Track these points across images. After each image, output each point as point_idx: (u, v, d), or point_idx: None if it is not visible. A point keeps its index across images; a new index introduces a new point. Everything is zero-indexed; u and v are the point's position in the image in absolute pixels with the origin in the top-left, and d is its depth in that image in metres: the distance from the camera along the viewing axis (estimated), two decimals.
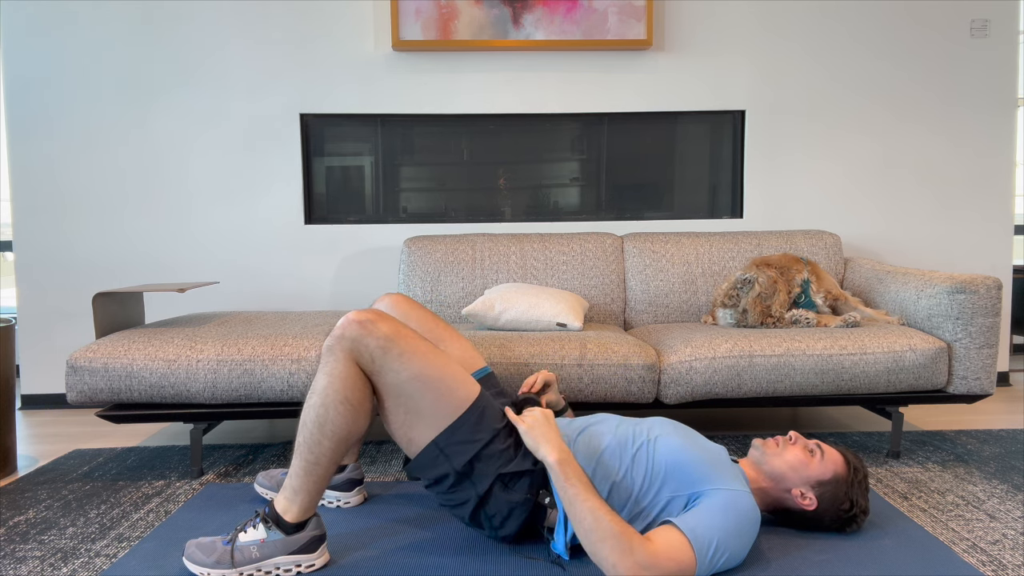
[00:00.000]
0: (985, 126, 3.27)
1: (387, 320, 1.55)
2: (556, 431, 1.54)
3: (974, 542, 1.70)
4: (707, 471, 1.53)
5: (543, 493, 1.58)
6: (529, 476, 1.58)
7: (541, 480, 1.58)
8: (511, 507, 1.58)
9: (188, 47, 3.10)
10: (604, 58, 3.18)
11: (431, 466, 1.58)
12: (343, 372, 1.51)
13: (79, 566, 1.61)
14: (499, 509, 1.58)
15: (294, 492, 1.53)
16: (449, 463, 1.56)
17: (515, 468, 1.56)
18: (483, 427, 1.57)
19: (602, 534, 1.37)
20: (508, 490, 1.57)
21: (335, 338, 1.53)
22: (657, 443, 1.58)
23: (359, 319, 1.52)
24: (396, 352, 1.52)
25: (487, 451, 1.56)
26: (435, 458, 1.57)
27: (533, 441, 1.52)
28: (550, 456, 1.48)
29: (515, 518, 1.59)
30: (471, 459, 1.55)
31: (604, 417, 1.70)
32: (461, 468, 1.55)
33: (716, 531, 1.43)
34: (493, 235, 2.96)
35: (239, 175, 3.15)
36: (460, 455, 1.55)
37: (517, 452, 1.59)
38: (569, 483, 1.44)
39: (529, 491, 1.57)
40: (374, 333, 1.51)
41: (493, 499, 1.57)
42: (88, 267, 3.15)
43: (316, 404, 1.51)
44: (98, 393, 2.14)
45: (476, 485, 1.57)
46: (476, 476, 1.56)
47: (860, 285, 2.79)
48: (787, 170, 3.25)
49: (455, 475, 1.56)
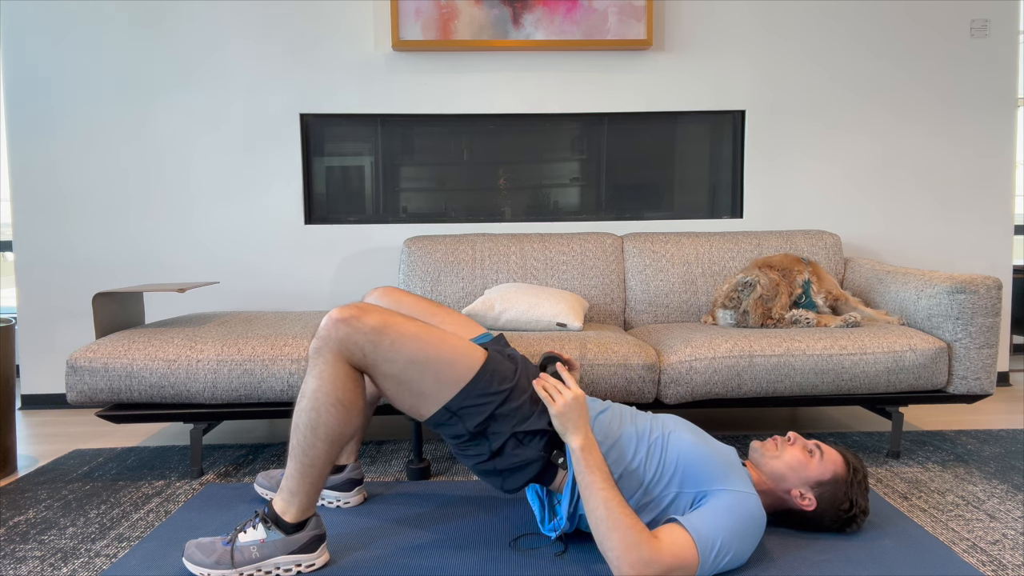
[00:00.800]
0: (985, 126, 3.27)
1: (371, 311, 1.52)
2: (586, 417, 1.53)
3: (974, 542, 1.70)
4: (716, 471, 1.53)
5: (556, 453, 1.57)
6: (543, 435, 1.57)
7: (555, 439, 1.58)
8: (523, 462, 1.57)
9: (188, 47, 3.10)
10: (604, 58, 3.18)
11: (445, 426, 1.57)
12: (332, 373, 1.49)
13: (79, 566, 1.61)
14: (510, 463, 1.57)
15: (291, 494, 1.53)
16: (463, 424, 1.55)
17: (530, 427, 1.56)
18: (493, 389, 1.55)
19: (612, 524, 1.38)
20: (521, 446, 1.56)
21: (321, 339, 1.50)
22: (671, 438, 1.59)
23: (342, 316, 1.49)
24: (387, 342, 1.50)
25: (500, 410, 1.55)
26: (448, 420, 1.56)
27: (561, 425, 1.51)
28: (575, 442, 1.48)
29: (525, 473, 1.58)
30: (485, 419, 1.54)
31: (613, 404, 1.70)
32: (475, 428, 1.55)
33: (720, 531, 1.44)
34: (493, 235, 2.96)
35: (239, 175, 3.15)
36: (473, 417, 1.54)
37: (533, 409, 1.58)
38: (588, 470, 1.45)
39: (543, 449, 1.57)
40: (361, 328, 1.49)
41: (505, 454, 1.56)
42: (88, 267, 3.15)
43: (307, 407, 1.50)
44: (98, 393, 2.14)
45: (490, 441, 1.56)
46: (490, 434, 1.56)
47: (860, 285, 2.79)
48: (787, 170, 3.25)
49: (469, 434, 1.56)
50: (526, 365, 1.68)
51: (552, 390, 1.55)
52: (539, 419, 1.57)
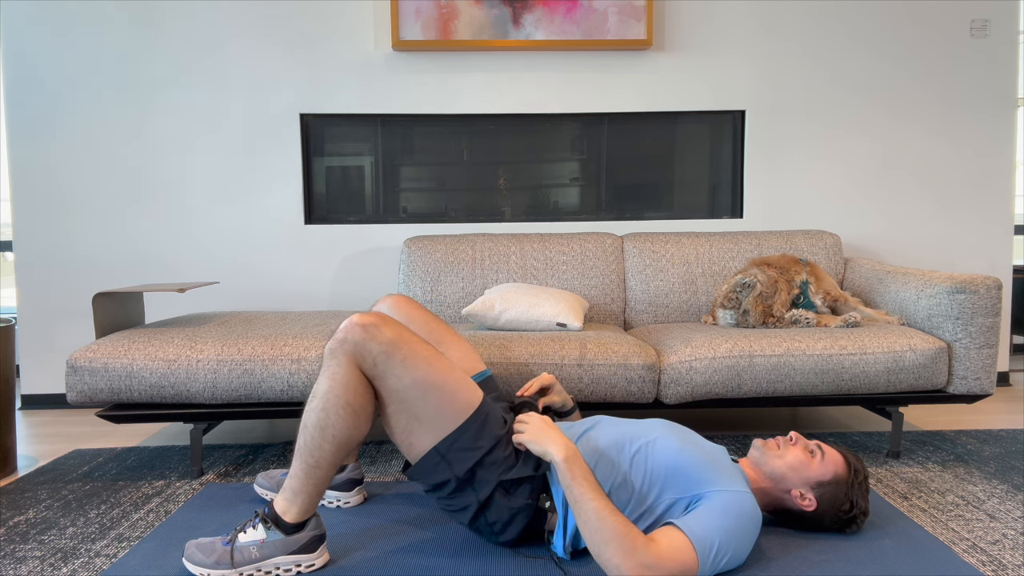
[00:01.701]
0: (985, 126, 3.27)
1: (391, 324, 1.54)
2: (557, 431, 1.53)
3: (974, 542, 1.70)
4: (706, 473, 1.52)
5: (543, 497, 1.58)
6: (530, 482, 1.58)
7: (542, 485, 1.58)
8: (512, 513, 1.57)
9: (188, 47, 3.10)
10: (604, 58, 3.18)
11: (432, 472, 1.58)
12: (345, 376, 1.50)
13: (79, 566, 1.61)
14: (500, 515, 1.58)
15: (294, 493, 1.53)
16: (450, 470, 1.56)
17: (516, 474, 1.56)
18: (485, 434, 1.56)
19: (607, 534, 1.37)
20: (509, 496, 1.57)
21: (338, 341, 1.51)
22: (655, 445, 1.58)
23: (363, 323, 1.51)
24: (399, 357, 1.51)
25: (489, 458, 1.56)
26: (436, 464, 1.56)
27: (538, 445, 1.51)
28: (557, 454, 1.47)
29: (516, 524, 1.59)
30: (472, 466, 1.55)
31: (600, 419, 1.70)
32: (463, 475, 1.55)
33: (717, 532, 1.43)
34: (493, 235, 2.96)
35: (239, 175, 3.15)
36: (462, 462, 1.55)
37: (518, 458, 1.59)
38: (575, 482, 1.43)
39: (530, 496, 1.57)
40: (377, 338, 1.50)
41: (494, 505, 1.57)
42: (88, 267, 3.15)
43: (317, 408, 1.51)
44: (98, 393, 2.14)
45: (477, 491, 1.57)
46: (477, 483, 1.56)
47: (860, 285, 2.79)
48: (787, 170, 3.25)
49: (456, 482, 1.56)
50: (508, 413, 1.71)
51: (518, 426, 1.57)
52: (525, 466, 1.57)
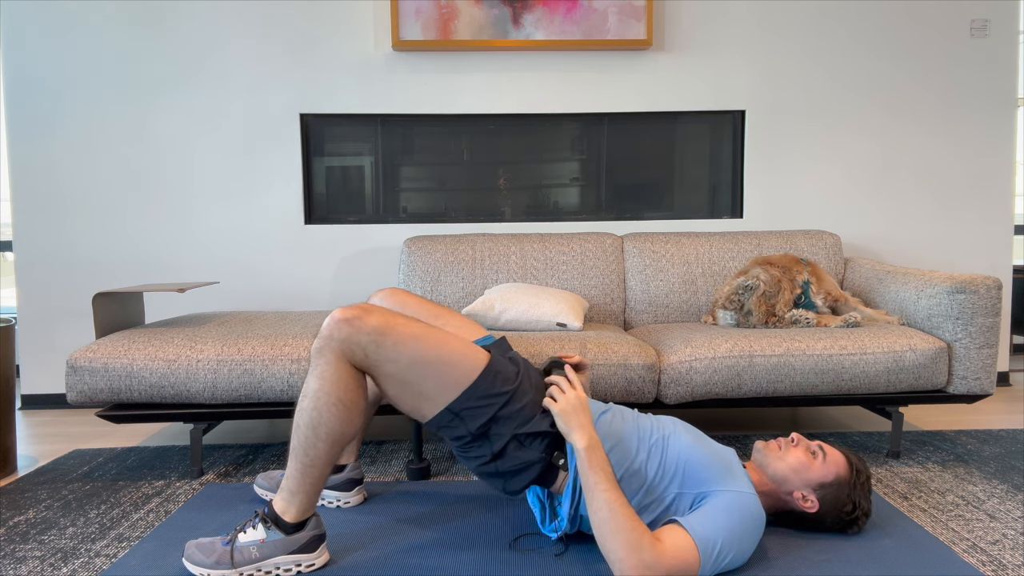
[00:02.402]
0: (985, 126, 3.27)
1: (373, 312, 1.52)
2: (589, 417, 1.53)
3: (974, 542, 1.70)
4: (715, 472, 1.53)
5: (558, 455, 1.58)
6: (545, 436, 1.57)
7: (556, 441, 1.58)
8: (524, 465, 1.57)
9: (188, 47, 3.10)
10: (604, 58, 3.18)
11: (447, 427, 1.57)
12: (334, 374, 1.49)
13: (79, 566, 1.61)
14: (512, 465, 1.57)
15: (292, 494, 1.53)
16: (464, 426, 1.55)
17: (532, 429, 1.56)
18: (496, 391, 1.55)
19: (615, 527, 1.38)
20: (523, 448, 1.56)
21: (323, 339, 1.50)
22: (671, 439, 1.60)
23: (345, 317, 1.49)
24: (390, 343, 1.50)
25: (502, 412, 1.55)
26: (450, 421, 1.56)
27: (565, 425, 1.51)
28: (580, 442, 1.48)
29: (525, 475, 1.58)
30: (487, 421, 1.54)
31: (613, 406, 1.70)
32: (477, 430, 1.55)
33: (721, 532, 1.44)
34: (493, 235, 2.96)
35: (239, 175, 3.15)
36: (475, 418, 1.55)
37: (535, 412, 1.58)
38: (592, 471, 1.44)
39: (544, 450, 1.57)
40: (363, 329, 1.49)
41: (507, 456, 1.56)
42: (88, 267, 3.15)
43: (308, 408, 1.50)
44: (98, 393, 2.14)
45: (492, 443, 1.56)
46: (492, 436, 1.56)
47: (860, 285, 2.79)
48: (787, 170, 3.25)
49: (471, 436, 1.56)
50: (528, 368, 1.68)
51: (555, 391, 1.56)
52: (541, 421, 1.57)
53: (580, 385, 1.59)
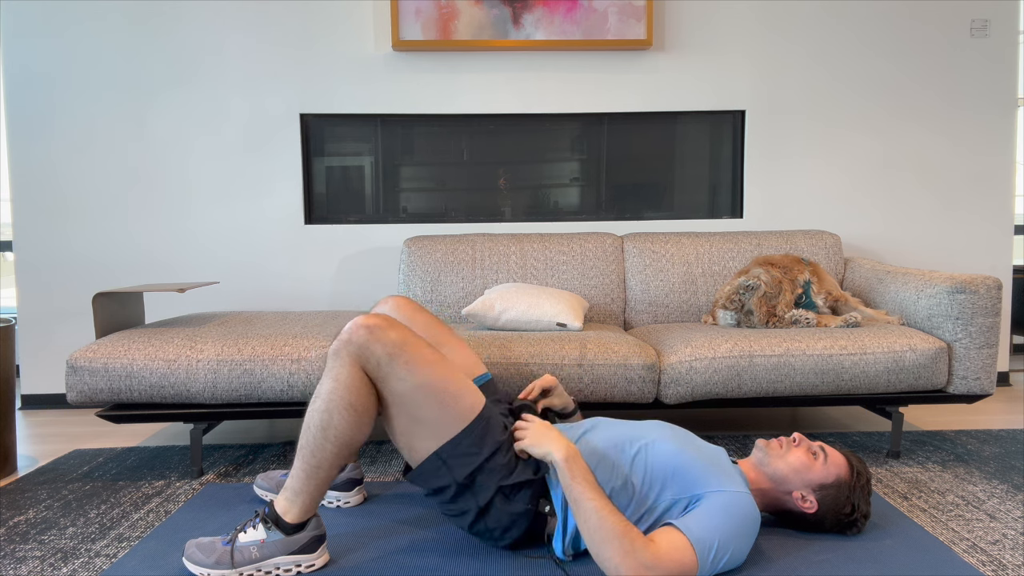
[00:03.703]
0: (985, 126, 3.27)
1: (396, 327, 1.53)
2: (557, 433, 1.54)
3: (974, 542, 1.70)
4: (704, 474, 1.53)
5: (543, 502, 1.58)
6: (529, 486, 1.58)
7: (541, 489, 1.58)
8: (512, 518, 1.57)
9: (188, 47, 3.10)
10: (604, 58, 3.18)
11: (432, 477, 1.57)
12: (348, 378, 1.50)
13: (79, 566, 1.61)
14: (500, 520, 1.58)
15: (295, 494, 1.53)
16: (451, 474, 1.55)
17: (516, 479, 1.56)
18: (487, 440, 1.56)
19: (606, 534, 1.37)
20: (509, 501, 1.57)
21: (342, 342, 1.51)
22: (654, 447, 1.58)
23: (367, 324, 1.51)
24: (403, 360, 1.51)
25: (489, 464, 1.55)
26: (437, 469, 1.56)
27: (538, 448, 1.52)
28: (558, 454, 1.48)
29: (516, 528, 1.59)
30: (473, 472, 1.55)
31: (599, 421, 1.71)
32: (462, 480, 1.55)
33: (716, 532, 1.43)
34: (493, 235, 2.96)
35: (239, 175, 3.15)
36: (462, 467, 1.55)
37: (518, 463, 1.59)
38: (575, 481, 1.44)
39: (530, 501, 1.57)
40: (382, 340, 1.50)
41: (494, 510, 1.57)
42: (88, 267, 3.15)
43: (320, 408, 1.50)
44: (98, 393, 2.14)
45: (477, 496, 1.56)
46: (477, 488, 1.56)
47: (860, 285, 2.79)
48: (787, 170, 3.25)
49: (456, 487, 1.56)
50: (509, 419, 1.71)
51: (519, 432, 1.58)
52: (524, 470, 1.57)
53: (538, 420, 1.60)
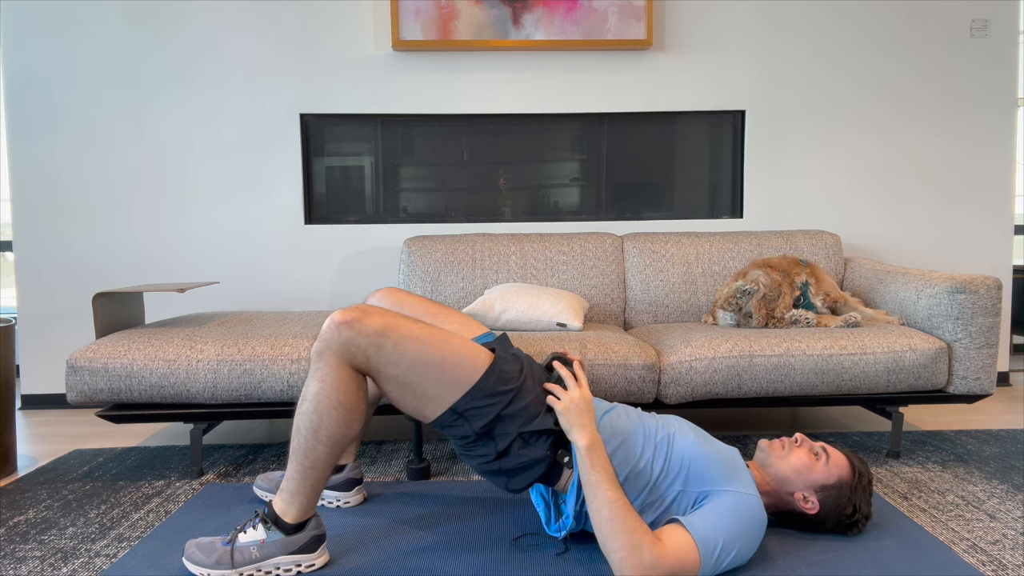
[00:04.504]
0: (985, 126, 3.27)
1: (373, 314, 1.50)
2: (592, 416, 1.53)
3: (974, 542, 1.70)
4: (718, 472, 1.53)
5: (562, 452, 1.57)
6: (549, 434, 1.57)
7: (561, 439, 1.58)
8: (529, 462, 1.56)
9: (188, 47, 3.10)
10: (604, 58, 3.18)
11: (451, 427, 1.56)
12: (335, 377, 1.49)
13: (79, 566, 1.61)
14: (516, 463, 1.56)
15: (292, 495, 1.53)
16: (469, 425, 1.54)
17: (536, 427, 1.55)
18: (500, 389, 1.54)
19: (616, 526, 1.39)
20: (527, 446, 1.56)
21: (323, 342, 1.49)
22: (676, 437, 1.59)
23: (345, 319, 1.48)
24: (390, 345, 1.49)
25: (507, 411, 1.54)
26: (454, 421, 1.55)
27: (567, 423, 1.52)
28: (581, 440, 1.48)
29: (530, 473, 1.57)
30: (491, 420, 1.54)
31: (617, 405, 1.70)
32: (481, 429, 1.54)
33: (722, 532, 1.44)
34: (493, 235, 2.96)
35: (239, 175, 3.15)
36: (479, 418, 1.54)
37: (539, 409, 1.57)
38: (594, 470, 1.45)
39: (549, 448, 1.57)
40: (363, 332, 1.48)
41: (511, 454, 1.56)
42: (88, 267, 3.15)
43: (309, 411, 1.50)
44: (98, 393, 2.14)
45: (496, 442, 1.55)
46: (497, 435, 1.55)
47: (860, 285, 2.79)
48: (787, 170, 3.25)
49: (475, 435, 1.55)
50: (531, 364, 1.67)
51: (558, 388, 1.56)
52: (545, 419, 1.57)
53: (585, 382, 1.58)
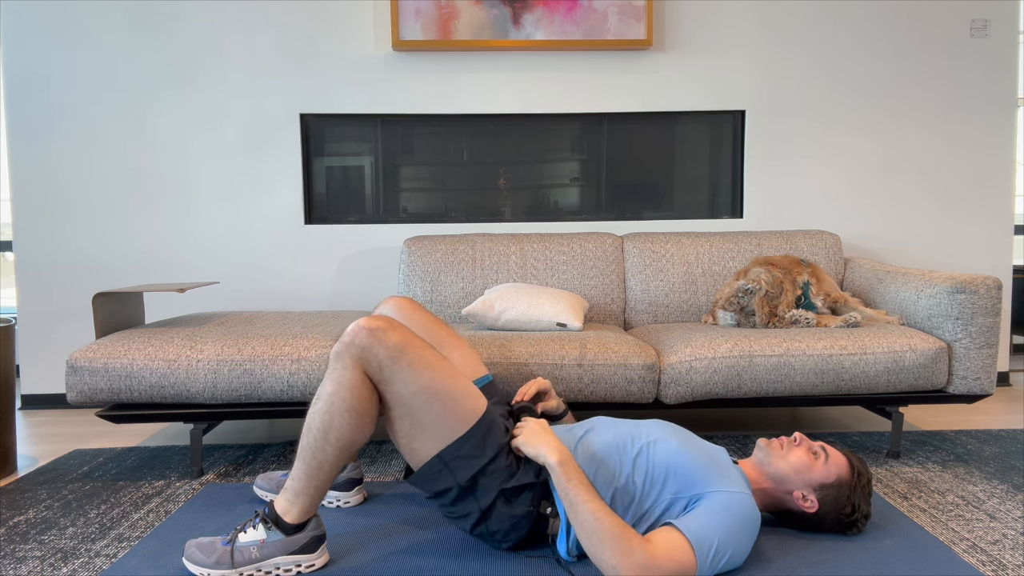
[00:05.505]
0: (985, 126, 3.27)
1: (398, 329, 1.53)
2: (552, 434, 1.55)
3: (974, 542, 1.70)
4: (706, 473, 1.53)
5: (544, 504, 1.58)
6: (531, 489, 1.58)
7: (543, 492, 1.59)
8: (514, 520, 1.58)
9: (187, 47, 3.10)
10: (604, 58, 3.18)
11: (434, 480, 1.58)
12: (350, 380, 1.50)
13: (79, 566, 1.61)
14: (502, 523, 1.58)
15: (295, 495, 1.53)
16: (452, 477, 1.56)
17: (518, 482, 1.56)
18: (488, 443, 1.56)
19: (602, 535, 1.37)
20: (511, 504, 1.57)
21: (344, 344, 1.51)
22: (656, 446, 1.58)
23: (370, 327, 1.51)
24: (405, 363, 1.51)
25: (491, 467, 1.55)
26: (439, 472, 1.56)
27: (532, 449, 1.52)
28: (551, 457, 1.48)
29: (518, 531, 1.59)
30: (475, 474, 1.55)
31: (599, 421, 1.70)
32: (464, 483, 1.55)
33: (716, 532, 1.43)
34: (493, 235, 2.96)
35: (239, 175, 3.15)
36: (464, 470, 1.55)
37: (520, 466, 1.59)
38: (570, 484, 1.44)
39: (531, 503, 1.57)
40: (384, 342, 1.50)
41: (496, 513, 1.57)
42: (88, 267, 3.15)
43: (322, 411, 1.50)
44: (98, 393, 2.14)
45: (479, 499, 1.56)
46: (479, 491, 1.56)
47: (860, 285, 2.79)
48: (787, 170, 3.25)
49: (458, 489, 1.56)
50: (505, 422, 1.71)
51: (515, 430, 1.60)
52: (526, 473, 1.58)
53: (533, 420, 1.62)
